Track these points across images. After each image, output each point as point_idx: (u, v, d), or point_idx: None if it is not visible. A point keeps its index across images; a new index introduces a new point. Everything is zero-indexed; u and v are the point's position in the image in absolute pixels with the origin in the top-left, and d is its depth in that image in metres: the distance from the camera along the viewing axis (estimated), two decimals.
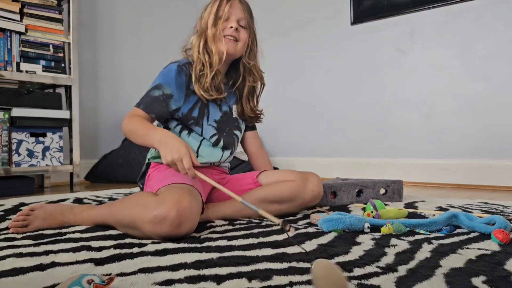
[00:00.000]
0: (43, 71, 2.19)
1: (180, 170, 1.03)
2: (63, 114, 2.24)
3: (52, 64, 2.23)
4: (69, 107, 2.31)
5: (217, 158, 1.32)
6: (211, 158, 1.31)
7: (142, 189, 1.32)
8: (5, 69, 2.07)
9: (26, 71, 2.13)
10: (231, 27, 1.26)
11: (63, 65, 2.28)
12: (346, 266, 0.74)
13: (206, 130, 1.28)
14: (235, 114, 1.37)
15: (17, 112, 2.07)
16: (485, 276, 0.69)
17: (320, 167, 2.65)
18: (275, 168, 1.54)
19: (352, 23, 2.61)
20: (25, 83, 2.22)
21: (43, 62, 2.19)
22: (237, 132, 1.37)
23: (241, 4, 1.30)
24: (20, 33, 2.11)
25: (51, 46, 2.22)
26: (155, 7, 3.21)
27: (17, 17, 2.11)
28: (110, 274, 0.65)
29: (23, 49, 2.12)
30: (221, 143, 1.31)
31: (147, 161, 1.32)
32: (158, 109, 1.22)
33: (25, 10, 2.14)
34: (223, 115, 1.32)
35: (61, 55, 2.27)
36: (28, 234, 1.04)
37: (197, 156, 1.27)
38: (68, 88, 2.32)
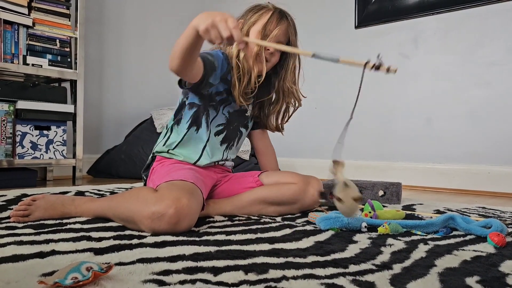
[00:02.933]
0: (49, 65, 2.21)
1: (222, 32, 0.91)
2: (67, 108, 2.26)
3: (58, 58, 2.25)
4: (74, 102, 2.33)
5: (220, 157, 1.33)
6: (215, 156, 1.31)
7: (145, 181, 1.33)
8: (12, 62, 2.09)
9: (33, 65, 2.15)
10: (268, 49, 1.24)
11: (69, 59, 2.30)
12: (342, 263, 0.75)
13: (219, 118, 1.29)
14: (248, 113, 1.37)
15: (22, 104, 2.09)
16: (479, 276, 0.70)
17: (321, 169, 2.66)
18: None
19: (356, 27, 2.62)
20: (31, 76, 2.24)
21: (49, 56, 2.21)
22: (242, 129, 1.38)
23: (289, 27, 1.28)
24: (27, 27, 2.13)
25: (57, 41, 2.24)
26: (162, 4, 3.23)
27: (25, 10, 2.13)
28: (109, 263, 0.66)
29: (30, 42, 2.14)
30: (223, 135, 1.31)
31: (152, 153, 1.32)
32: (208, 63, 1.16)
33: (33, 4, 2.16)
34: (238, 110, 1.33)
35: (68, 49, 2.29)
36: (29, 223, 1.05)
37: (201, 156, 1.27)
38: (73, 83, 2.34)
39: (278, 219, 1.20)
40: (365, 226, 1.04)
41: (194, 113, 1.26)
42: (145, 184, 1.33)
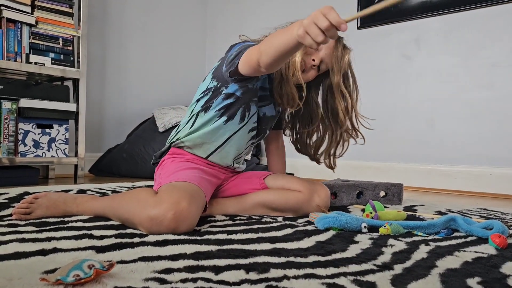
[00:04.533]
0: (52, 63, 2.21)
1: (332, 20, 0.80)
2: (70, 106, 2.26)
3: (61, 57, 2.25)
4: (76, 100, 2.34)
5: (241, 149, 1.29)
6: (236, 148, 1.27)
7: (154, 165, 1.31)
8: (15, 60, 2.09)
9: (35, 63, 2.15)
10: (313, 60, 1.21)
11: (71, 58, 2.30)
12: (343, 263, 0.76)
13: (254, 117, 1.26)
14: (275, 117, 1.35)
15: (24, 103, 2.09)
16: (480, 277, 0.70)
17: (322, 169, 2.66)
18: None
19: (358, 27, 2.62)
20: (34, 74, 2.25)
21: (52, 55, 2.22)
22: (268, 130, 1.37)
23: (337, 48, 1.24)
24: (30, 25, 2.14)
25: (60, 39, 2.25)
26: (164, 3, 3.23)
27: (28, 9, 2.13)
28: (110, 261, 0.66)
29: (33, 41, 2.15)
30: (255, 132, 1.29)
31: (168, 143, 1.29)
32: None
33: (36, 3, 2.17)
34: (273, 115, 1.32)
35: (70, 48, 2.29)
36: (31, 221, 1.06)
37: (222, 144, 1.24)
38: (75, 81, 2.35)
39: (279, 219, 1.21)
40: (365, 226, 1.04)
41: (230, 104, 1.21)
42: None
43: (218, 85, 1.22)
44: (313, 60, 1.21)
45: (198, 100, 1.26)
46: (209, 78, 1.26)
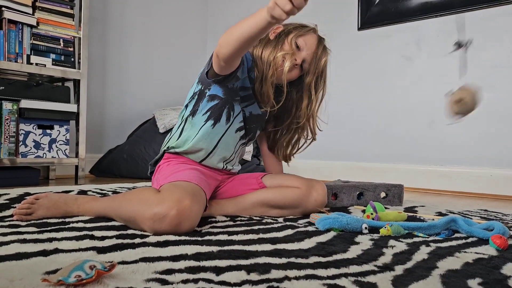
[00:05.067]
0: (53, 64, 2.22)
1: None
2: (70, 107, 2.27)
3: (62, 58, 2.26)
4: (77, 101, 2.34)
5: (232, 150, 1.29)
6: (227, 150, 1.28)
7: (151, 174, 1.32)
8: (16, 61, 2.10)
9: (36, 64, 2.16)
10: (296, 60, 1.23)
11: (72, 59, 2.30)
12: (344, 264, 0.76)
13: (240, 116, 1.26)
14: (262, 116, 1.35)
15: (25, 103, 2.09)
16: (481, 278, 0.70)
17: (322, 170, 2.66)
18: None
19: (359, 29, 2.62)
20: (35, 75, 2.25)
21: (53, 56, 2.22)
22: (258, 130, 1.37)
23: (318, 49, 1.27)
24: (31, 26, 2.14)
25: (61, 40, 2.25)
26: (165, 3, 3.23)
27: (29, 10, 2.14)
28: (112, 262, 0.66)
29: (34, 42, 2.15)
30: (243, 132, 1.29)
31: (162, 150, 1.30)
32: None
33: (37, 4, 2.17)
34: (259, 114, 1.32)
35: (71, 49, 2.29)
36: (32, 222, 1.06)
37: (214, 148, 1.24)
38: (76, 82, 2.35)
39: (280, 219, 1.21)
40: (366, 227, 1.04)
41: (214, 106, 1.22)
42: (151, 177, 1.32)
43: (202, 88, 1.24)
44: (295, 59, 1.23)
45: (186, 106, 1.28)
46: (195, 82, 1.28)
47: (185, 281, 0.63)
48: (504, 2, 2.11)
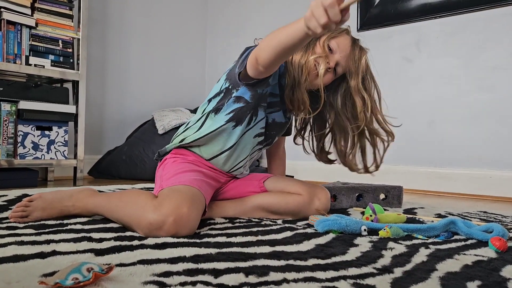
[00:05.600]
0: (52, 65, 2.21)
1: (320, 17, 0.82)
2: (69, 108, 2.26)
3: (61, 59, 2.25)
4: (76, 102, 2.34)
5: (246, 153, 1.26)
6: (242, 152, 1.25)
7: (157, 161, 1.30)
8: (14, 62, 2.09)
9: (35, 65, 2.15)
10: (329, 63, 1.17)
11: (71, 60, 2.30)
12: (343, 266, 0.75)
13: (262, 122, 1.23)
14: (285, 124, 1.33)
15: (24, 105, 2.09)
16: (481, 281, 0.69)
17: (322, 172, 2.66)
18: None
19: (358, 30, 2.62)
20: (33, 76, 2.25)
21: (52, 57, 2.22)
22: (277, 137, 1.35)
23: (354, 50, 1.21)
24: (30, 27, 2.14)
25: (60, 41, 2.25)
26: (165, 4, 3.23)
27: (28, 11, 2.13)
28: (109, 264, 0.66)
29: (33, 43, 2.14)
30: (262, 138, 1.27)
31: (174, 141, 1.27)
32: None
33: (36, 5, 2.17)
34: (282, 122, 1.29)
35: (70, 50, 2.29)
36: (30, 223, 1.05)
37: (230, 148, 1.21)
38: (75, 83, 2.35)
39: (279, 221, 1.20)
40: (365, 230, 1.03)
41: (239, 108, 1.17)
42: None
43: (230, 87, 1.19)
44: (328, 63, 1.17)
45: (210, 100, 1.24)
46: (223, 79, 1.23)
47: (183, 284, 0.63)
48: (504, 4, 2.11)
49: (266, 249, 0.86)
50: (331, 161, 1.37)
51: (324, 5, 0.80)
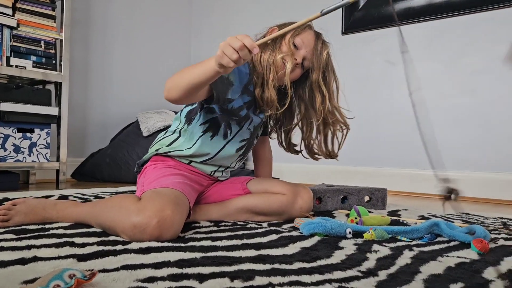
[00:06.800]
0: (34, 66, 2.18)
1: (248, 44, 0.89)
2: (51, 110, 2.23)
3: (43, 60, 2.22)
4: (58, 104, 2.30)
5: (229, 163, 1.30)
6: (226, 161, 1.28)
7: (137, 173, 1.30)
8: None
9: (16, 66, 2.11)
10: (296, 59, 1.20)
11: (54, 61, 2.27)
12: (328, 269, 0.75)
13: (243, 133, 1.26)
14: (260, 124, 1.34)
15: (5, 106, 2.05)
16: (463, 283, 0.70)
17: (308, 174, 2.67)
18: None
19: (343, 33, 2.64)
20: (15, 78, 2.21)
21: (33, 58, 2.18)
22: (256, 140, 1.37)
23: (317, 44, 1.25)
24: (11, 28, 2.10)
25: (42, 42, 2.21)
26: (149, 6, 3.21)
27: (10, 11, 2.09)
28: (92, 270, 0.65)
29: (14, 43, 2.11)
30: (244, 149, 1.29)
31: (151, 151, 1.27)
32: (220, 87, 1.11)
33: (18, 5, 2.13)
34: (260, 122, 1.31)
35: (53, 51, 2.26)
36: (10, 228, 1.03)
37: (212, 157, 1.23)
38: (58, 85, 2.31)
39: (264, 224, 1.20)
40: (350, 232, 1.04)
41: (212, 119, 1.21)
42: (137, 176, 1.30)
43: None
44: (296, 59, 1.20)
45: (184, 108, 1.27)
46: None
47: None
48: (484, 9, 2.15)
49: (252, 252, 0.86)
50: (297, 152, 1.40)
51: (234, 47, 0.89)
